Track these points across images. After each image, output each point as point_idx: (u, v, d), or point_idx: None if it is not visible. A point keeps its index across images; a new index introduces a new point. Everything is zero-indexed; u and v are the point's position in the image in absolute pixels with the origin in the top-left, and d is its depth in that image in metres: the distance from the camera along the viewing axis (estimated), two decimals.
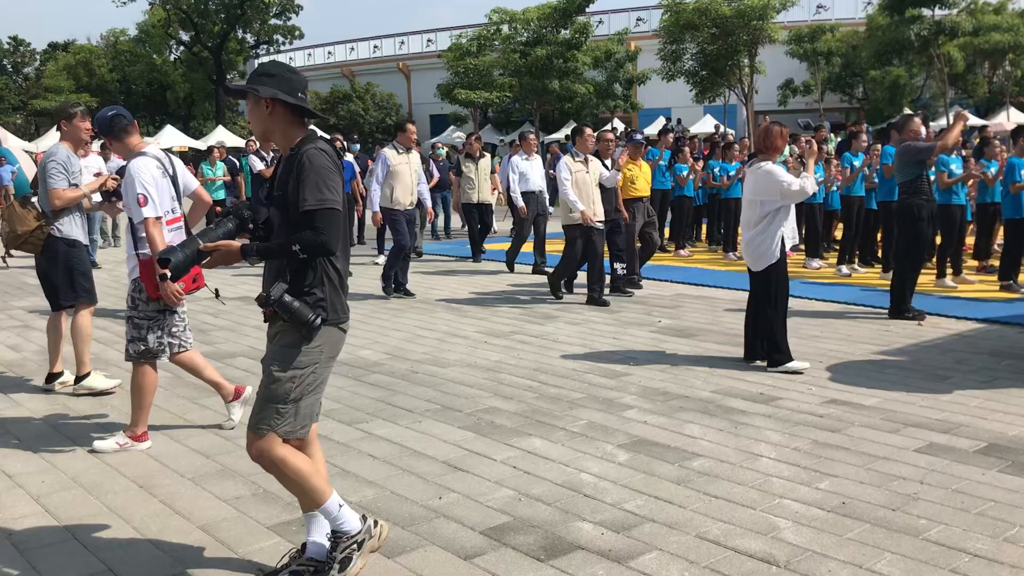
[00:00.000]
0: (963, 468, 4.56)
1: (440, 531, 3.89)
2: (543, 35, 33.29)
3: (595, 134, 10.17)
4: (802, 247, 12.42)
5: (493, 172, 16.36)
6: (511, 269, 12.35)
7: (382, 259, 12.03)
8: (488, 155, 14.48)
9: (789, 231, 6.71)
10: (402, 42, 54.98)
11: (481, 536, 3.83)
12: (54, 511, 4.11)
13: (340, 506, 3.38)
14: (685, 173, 13.48)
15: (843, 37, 36.83)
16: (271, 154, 12.12)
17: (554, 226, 11.48)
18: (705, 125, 34.05)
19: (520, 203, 11.95)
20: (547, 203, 12.68)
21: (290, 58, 59.27)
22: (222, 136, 43.54)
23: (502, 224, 17.97)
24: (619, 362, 6.95)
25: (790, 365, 6.60)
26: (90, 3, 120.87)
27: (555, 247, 11.26)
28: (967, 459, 4.70)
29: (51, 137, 22.81)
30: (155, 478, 4.54)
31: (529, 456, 4.85)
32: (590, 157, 9.65)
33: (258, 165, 13.97)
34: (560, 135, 39.02)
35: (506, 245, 12.68)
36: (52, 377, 6.40)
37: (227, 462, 4.80)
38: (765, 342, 6.76)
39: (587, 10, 33.83)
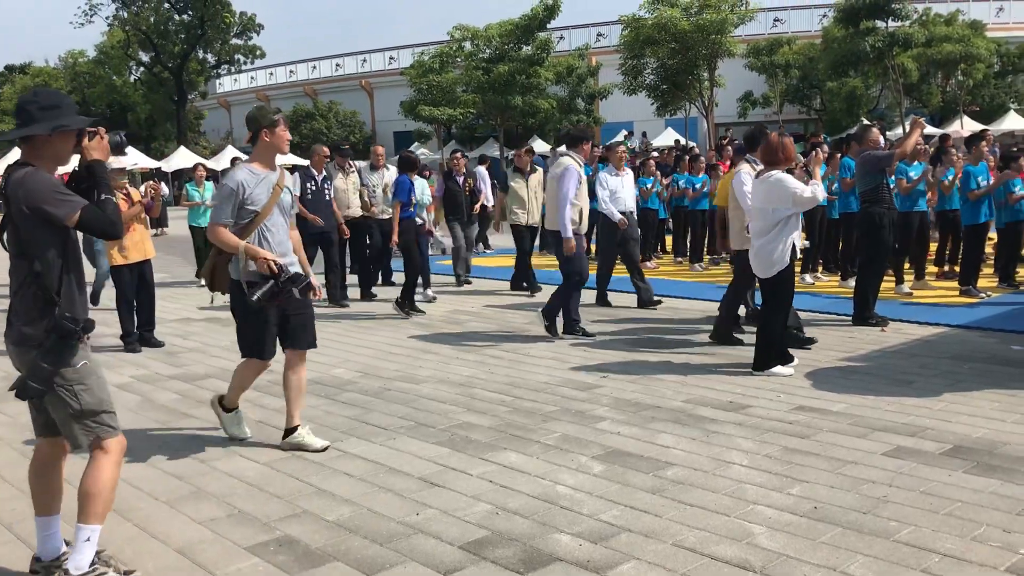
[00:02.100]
0: (930, 470, 4.66)
1: (419, 547, 3.90)
2: (505, 51, 33.52)
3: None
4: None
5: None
6: (604, 302, 10.45)
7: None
8: (540, 170, 12.24)
9: (798, 239, 6.85)
10: (364, 60, 54.99)
11: (460, 551, 3.85)
12: (27, 538, 4.06)
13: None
14: (648, 186, 13.63)
15: (800, 50, 37.51)
16: (323, 173, 10.65)
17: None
18: (667, 138, 34.43)
19: (618, 216, 9.95)
20: (637, 225, 10.77)
21: (252, 77, 59.15)
22: (185, 157, 43.25)
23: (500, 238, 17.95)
24: (591, 374, 7.00)
25: (779, 370, 6.77)
26: (47, 25, 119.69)
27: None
28: (934, 461, 4.80)
29: (11, 158, 22.27)
30: (129, 502, 4.50)
31: (505, 470, 4.87)
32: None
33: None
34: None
35: (495, 261, 12.48)
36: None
37: (202, 484, 4.78)
38: (757, 345, 6.89)
39: (548, 26, 34.09)
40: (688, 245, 14.22)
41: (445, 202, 13.06)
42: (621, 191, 10.10)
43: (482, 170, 15.85)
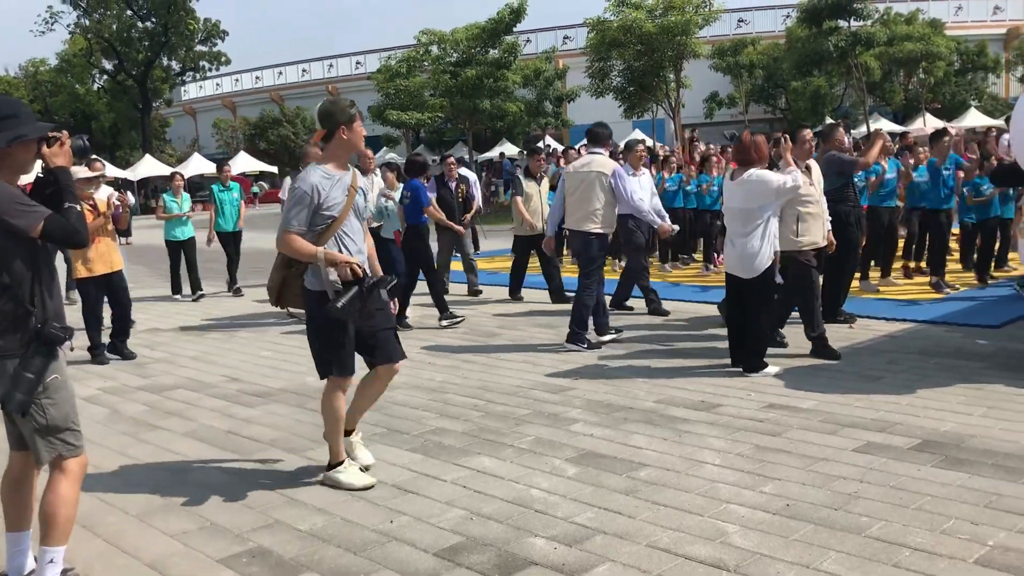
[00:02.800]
0: (900, 465, 4.71)
1: (393, 555, 3.88)
2: (472, 55, 33.48)
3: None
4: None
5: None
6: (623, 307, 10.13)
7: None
8: (546, 176, 11.79)
9: (774, 238, 6.85)
10: (331, 65, 54.81)
11: (434, 558, 3.83)
12: None
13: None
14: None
15: (764, 50, 37.88)
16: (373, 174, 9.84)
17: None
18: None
19: (659, 221, 8.95)
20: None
21: (217, 84, 58.72)
22: (150, 165, 42.80)
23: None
24: (563, 377, 7.01)
25: (769, 371, 6.80)
26: (6, 33, 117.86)
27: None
28: (903, 456, 4.85)
29: None
30: (98, 516, 4.44)
31: (478, 475, 4.86)
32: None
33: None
34: (494, 153, 39.29)
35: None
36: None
37: (172, 496, 4.72)
38: (749, 347, 6.88)
39: (515, 29, 34.12)
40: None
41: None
42: (640, 192, 9.24)
43: (471, 175, 14.88)
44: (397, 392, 6.75)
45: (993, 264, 11.14)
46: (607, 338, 8.28)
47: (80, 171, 7.76)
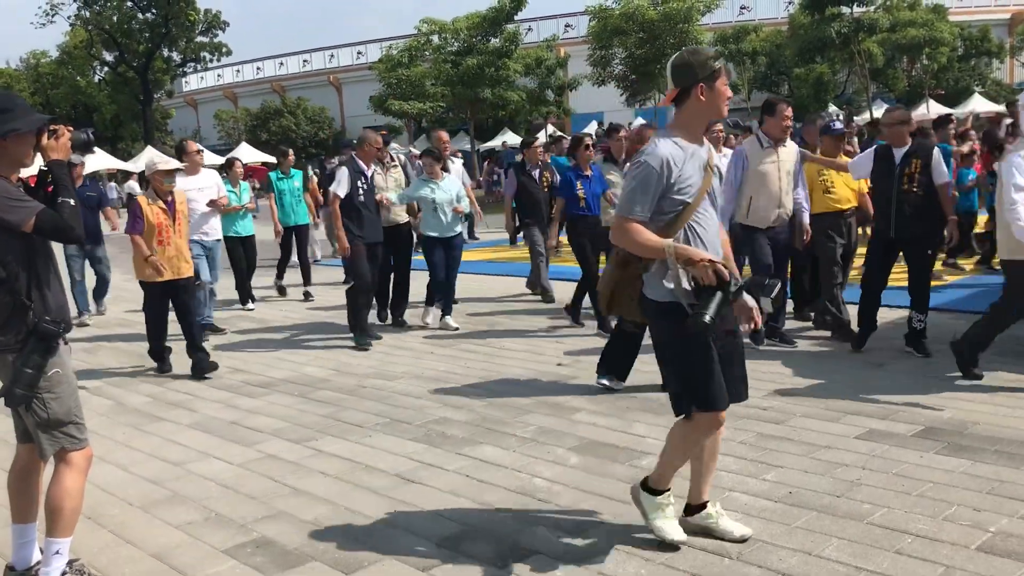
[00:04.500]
0: (902, 452, 4.71)
1: (396, 544, 3.89)
2: (473, 44, 33.39)
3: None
4: None
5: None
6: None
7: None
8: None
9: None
10: (332, 55, 54.68)
11: (437, 547, 3.84)
12: (1, 547, 4.01)
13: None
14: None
15: (767, 37, 37.71)
16: (371, 167, 8.56)
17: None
18: None
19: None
20: None
21: (218, 75, 58.64)
22: (151, 156, 42.69)
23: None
24: (565, 366, 7.01)
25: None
26: (7, 25, 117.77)
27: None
28: (905, 443, 4.85)
29: None
30: (102, 507, 4.46)
31: (481, 464, 4.87)
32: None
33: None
34: (497, 142, 39.22)
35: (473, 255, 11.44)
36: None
37: (176, 488, 4.74)
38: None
39: (516, 18, 34.01)
40: None
41: (519, 202, 10.38)
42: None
43: (458, 164, 12.21)
44: (399, 382, 6.76)
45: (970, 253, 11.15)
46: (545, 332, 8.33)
47: (162, 161, 7.21)
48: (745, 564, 3.54)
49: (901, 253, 7.02)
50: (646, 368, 6.79)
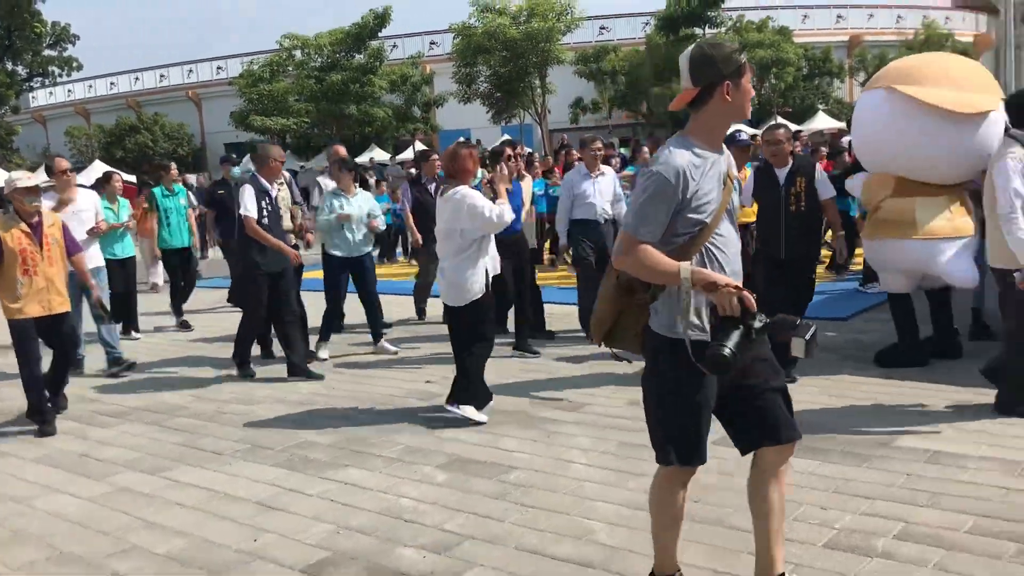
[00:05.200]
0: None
1: (257, 574, 3.77)
2: (337, 60, 33.04)
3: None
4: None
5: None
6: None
7: None
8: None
9: (491, 262, 5.97)
10: (190, 70, 52.99)
11: (300, 574, 3.74)
12: None
13: None
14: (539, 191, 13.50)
15: (626, 56, 38.76)
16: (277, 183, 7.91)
17: None
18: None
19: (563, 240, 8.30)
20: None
21: (69, 90, 55.88)
22: (10, 174, 40.23)
23: None
24: (433, 384, 6.98)
25: (468, 411, 5.85)
26: None
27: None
28: None
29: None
30: None
31: (346, 487, 4.78)
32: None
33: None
34: (364, 158, 38.85)
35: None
36: None
37: (19, 526, 4.46)
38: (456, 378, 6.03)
39: (380, 35, 33.87)
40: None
41: (414, 216, 9.61)
42: (594, 196, 8.12)
43: (287, 173, 9.77)
44: (261, 407, 6.57)
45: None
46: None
47: (22, 177, 6.34)
48: (608, 573, 3.59)
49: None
50: (513, 384, 6.85)
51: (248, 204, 7.24)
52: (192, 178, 14.01)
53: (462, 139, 6.84)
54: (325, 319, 8.28)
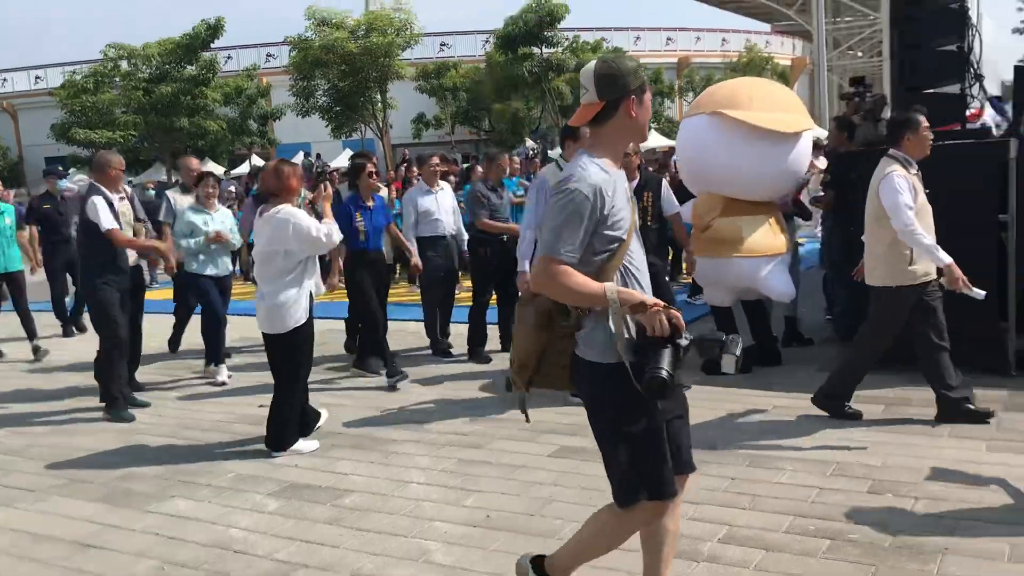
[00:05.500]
0: (591, 466, 4.97)
1: None
2: (167, 71, 31.74)
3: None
4: None
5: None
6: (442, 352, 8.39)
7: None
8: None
9: (315, 286, 5.71)
10: (5, 79, 49.68)
11: None
12: None
13: None
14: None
15: (467, 73, 39.18)
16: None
17: None
18: (345, 159, 34.48)
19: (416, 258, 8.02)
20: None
21: None
22: None
23: None
24: (265, 408, 6.73)
25: (296, 448, 5.62)
26: None
27: None
28: (594, 457, 5.06)
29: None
30: None
31: (173, 520, 4.56)
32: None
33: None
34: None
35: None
36: None
37: None
38: (273, 421, 5.70)
39: (213, 46, 32.80)
40: None
41: None
42: (437, 211, 8.13)
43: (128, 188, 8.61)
44: (81, 438, 6.19)
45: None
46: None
47: None
48: None
49: None
50: (350, 404, 6.73)
51: (104, 217, 6.53)
52: (11, 194, 12.85)
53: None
54: (214, 340, 7.76)
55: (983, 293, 5.12)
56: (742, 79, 9.79)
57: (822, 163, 8.99)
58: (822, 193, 7.98)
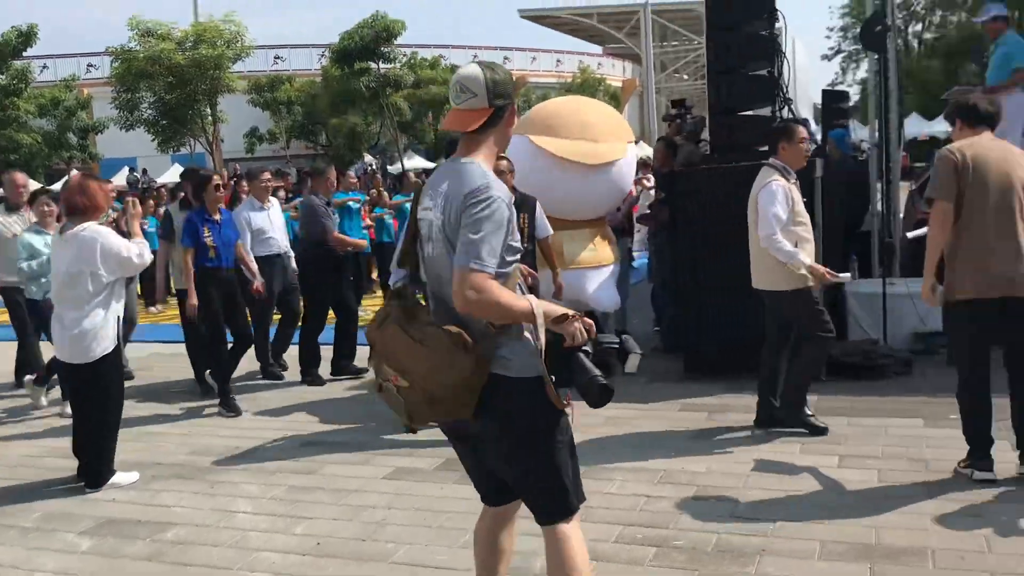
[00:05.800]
0: (425, 486, 4.96)
1: None
2: None
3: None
4: None
5: None
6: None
7: None
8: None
9: (123, 309, 5.38)
10: None
11: None
12: None
13: None
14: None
15: (302, 87, 38.46)
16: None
17: None
18: (173, 175, 33.09)
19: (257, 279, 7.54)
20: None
21: None
22: None
23: None
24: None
25: (115, 481, 5.27)
26: None
27: None
28: (428, 477, 5.11)
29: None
30: None
31: None
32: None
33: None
34: None
35: None
36: None
37: None
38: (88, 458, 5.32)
39: (25, 54, 30.81)
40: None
41: None
42: (274, 232, 7.97)
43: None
44: None
45: None
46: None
47: None
48: None
49: None
50: (175, 432, 6.43)
51: None
52: None
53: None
54: (51, 365, 6.99)
55: (848, 276, 5.52)
56: (567, 99, 9.97)
57: (651, 181, 9.31)
58: (648, 211, 8.27)
